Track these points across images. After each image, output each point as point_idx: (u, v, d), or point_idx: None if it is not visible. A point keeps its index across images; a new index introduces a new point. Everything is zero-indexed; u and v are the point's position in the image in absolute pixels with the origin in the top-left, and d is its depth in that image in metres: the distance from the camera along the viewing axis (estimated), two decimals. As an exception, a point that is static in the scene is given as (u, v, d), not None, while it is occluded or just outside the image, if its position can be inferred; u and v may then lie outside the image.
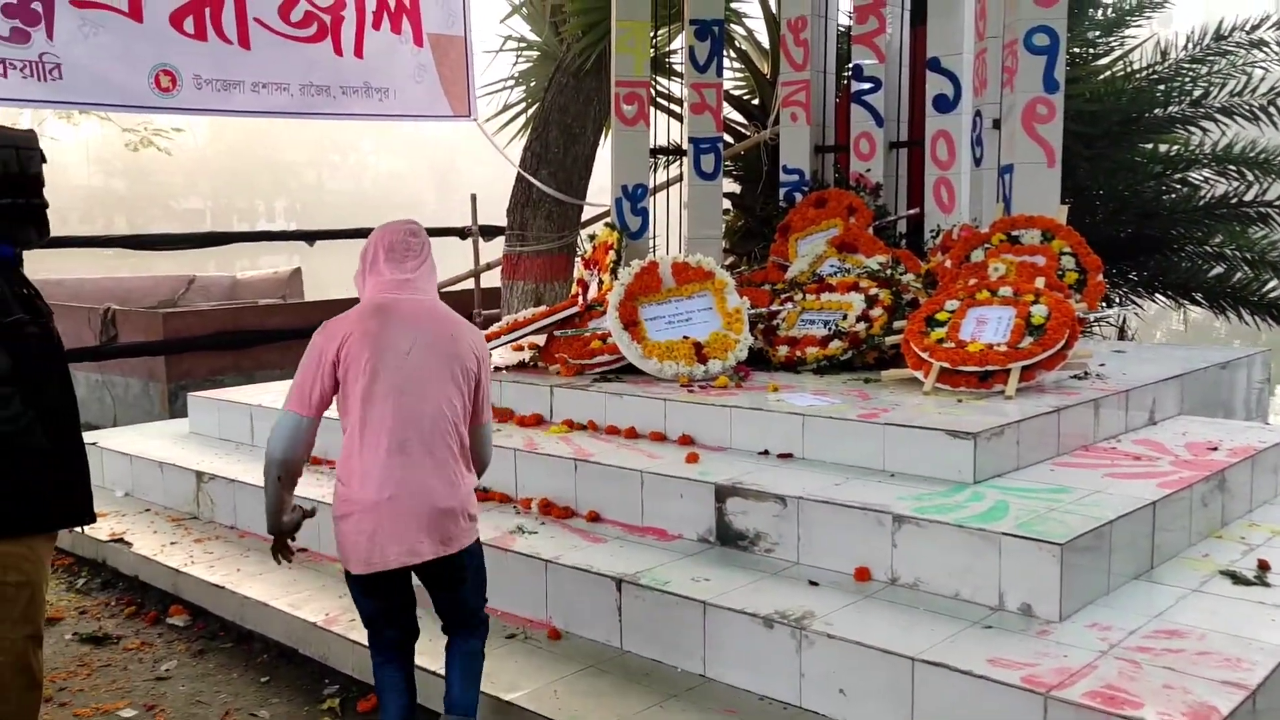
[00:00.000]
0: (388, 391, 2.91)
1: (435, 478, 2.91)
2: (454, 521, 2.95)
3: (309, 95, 7.14)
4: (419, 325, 3.01)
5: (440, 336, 3.02)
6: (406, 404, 2.91)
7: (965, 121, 6.40)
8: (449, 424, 2.96)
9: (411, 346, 2.95)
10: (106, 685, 3.87)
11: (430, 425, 2.92)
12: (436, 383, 2.96)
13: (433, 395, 2.95)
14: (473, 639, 3.15)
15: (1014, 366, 4.64)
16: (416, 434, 2.90)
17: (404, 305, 3.03)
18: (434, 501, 2.90)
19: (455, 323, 3.10)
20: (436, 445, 2.92)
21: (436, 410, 2.94)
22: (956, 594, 3.38)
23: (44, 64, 6.08)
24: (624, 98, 6.97)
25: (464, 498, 2.99)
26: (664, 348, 5.35)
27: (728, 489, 3.97)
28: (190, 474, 5.48)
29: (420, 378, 2.94)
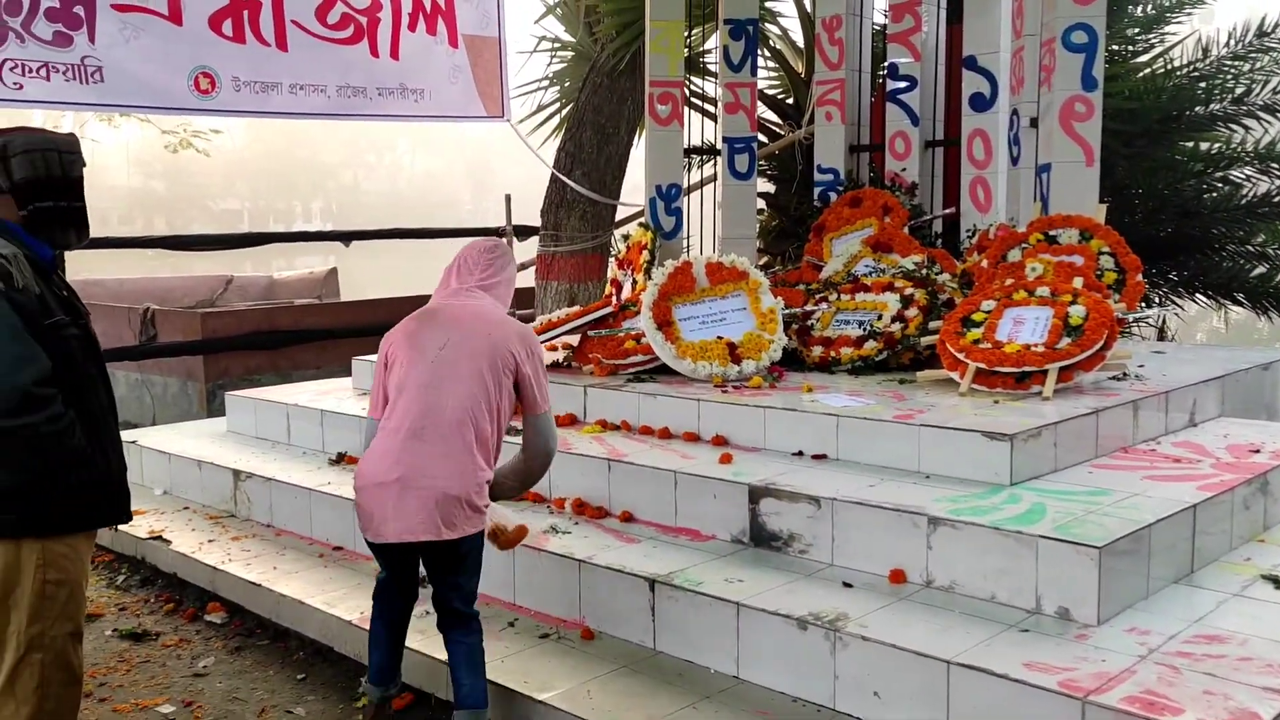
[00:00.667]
0: (416, 384, 3.14)
1: (444, 465, 3.08)
2: (457, 508, 3.08)
3: (345, 97, 7.20)
4: (457, 325, 3.22)
5: (475, 334, 3.19)
6: (430, 396, 3.12)
7: (1002, 120, 6.33)
8: (470, 416, 3.12)
9: (445, 344, 3.18)
10: (146, 681, 3.92)
11: (450, 416, 3.10)
12: (464, 378, 3.14)
13: (457, 389, 3.12)
14: (471, 635, 3.26)
15: (1051, 367, 4.58)
16: (434, 423, 3.09)
17: (450, 309, 3.30)
18: (439, 487, 3.06)
19: (497, 321, 3.26)
20: (452, 435, 3.09)
21: (459, 403, 3.11)
22: (992, 597, 3.35)
23: (86, 67, 6.18)
24: (658, 98, 6.97)
25: (470, 487, 3.12)
26: (698, 348, 5.35)
27: (761, 490, 3.96)
28: (228, 472, 5.55)
29: (447, 373, 3.14)
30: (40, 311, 2.65)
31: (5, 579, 2.66)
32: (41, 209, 2.76)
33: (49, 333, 2.66)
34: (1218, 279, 8.30)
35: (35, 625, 2.67)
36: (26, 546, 2.66)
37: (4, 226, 2.73)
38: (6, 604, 2.66)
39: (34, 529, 2.67)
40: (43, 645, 2.68)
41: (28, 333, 2.60)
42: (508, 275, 3.45)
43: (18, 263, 2.65)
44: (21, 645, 2.66)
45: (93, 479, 2.75)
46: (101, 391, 2.85)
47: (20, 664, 2.67)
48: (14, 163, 2.72)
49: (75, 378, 2.73)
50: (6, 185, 2.72)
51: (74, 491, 2.71)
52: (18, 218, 2.75)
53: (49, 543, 2.69)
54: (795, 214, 8.89)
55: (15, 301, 2.60)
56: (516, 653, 3.66)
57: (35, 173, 2.74)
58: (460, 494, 3.09)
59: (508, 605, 4.09)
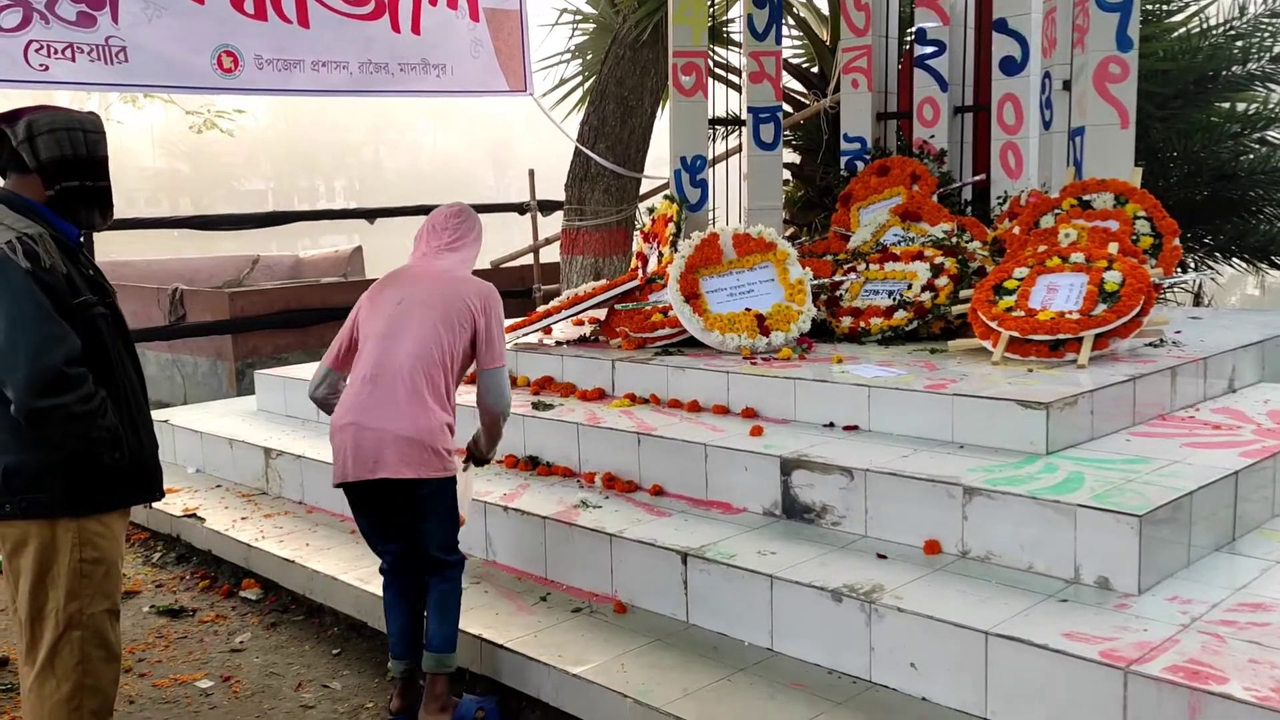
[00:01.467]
0: (374, 335, 3.34)
1: (398, 408, 3.23)
2: (414, 449, 3.21)
3: (367, 73, 7.18)
4: (415, 283, 3.41)
5: (432, 289, 3.37)
6: (387, 345, 3.30)
7: (1033, 84, 6.22)
8: (421, 364, 3.27)
9: (402, 299, 3.37)
10: (184, 656, 3.96)
11: (405, 363, 3.26)
12: (419, 328, 3.30)
13: (412, 338, 3.29)
14: (440, 582, 3.39)
15: (1086, 334, 4.51)
16: (389, 371, 3.26)
17: (413, 270, 3.48)
18: (390, 428, 3.21)
19: (456, 279, 3.42)
20: (406, 381, 3.25)
21: (413, 351, 3.27)
22: (1030, 567, 3.31)
23: (110, 47, 6.18)
24: (681, 68, 6.89)
25: (428, 430, 3.24)
26: (726, 320, 5.30)
27: (793, 462, 3.93)
28: (258, 450, 5.58)
29: (404, 325, 3.31)
30: (68, 291, 2.65)
31: (42, 558, 2.68)
32: (68, 189, 2.75)
33: (77, 312, 2.67)
34: (1255, 242, 8.16)
35: (74, 603, 2.69)
36: (62, 525, 2.68)
37: (30, 206, 2.72)
38: (45, 582, 2.68)
39: (69, 508, 2.69)
40: (81, 623, 2.71)
41: (56, 313, 2.60)
42: (474, 238, 3.58)
43: (44, 242, 2.64)
44: (60, 623, 2.69)
45: (125, 457, 2.75)
46: (131, 370, 2.85)
47: (59, 641, 2.70)
48: (39, 142, 2.71)
49: (104, 357, 2.73)
50: (33, 164, 2.71)
51: (107, 470, 2.72)
52: (44, 198, 2.74)
53: (84, 521, 2.71)
54: (821, 184, 8.80)
55: (43, 282, 2.60)
56: (550, 627, 3.65)
57: (61, 152, 2.72)
58: (412, 435, 3.21)
59: (540, 580, 4.09)
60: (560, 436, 4.74)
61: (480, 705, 3.33)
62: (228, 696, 3.63)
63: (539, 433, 4.83)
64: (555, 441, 4.76)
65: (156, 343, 8.87)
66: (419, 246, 3.56)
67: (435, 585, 3.39)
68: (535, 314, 6.09)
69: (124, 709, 3.55)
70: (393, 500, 3.32)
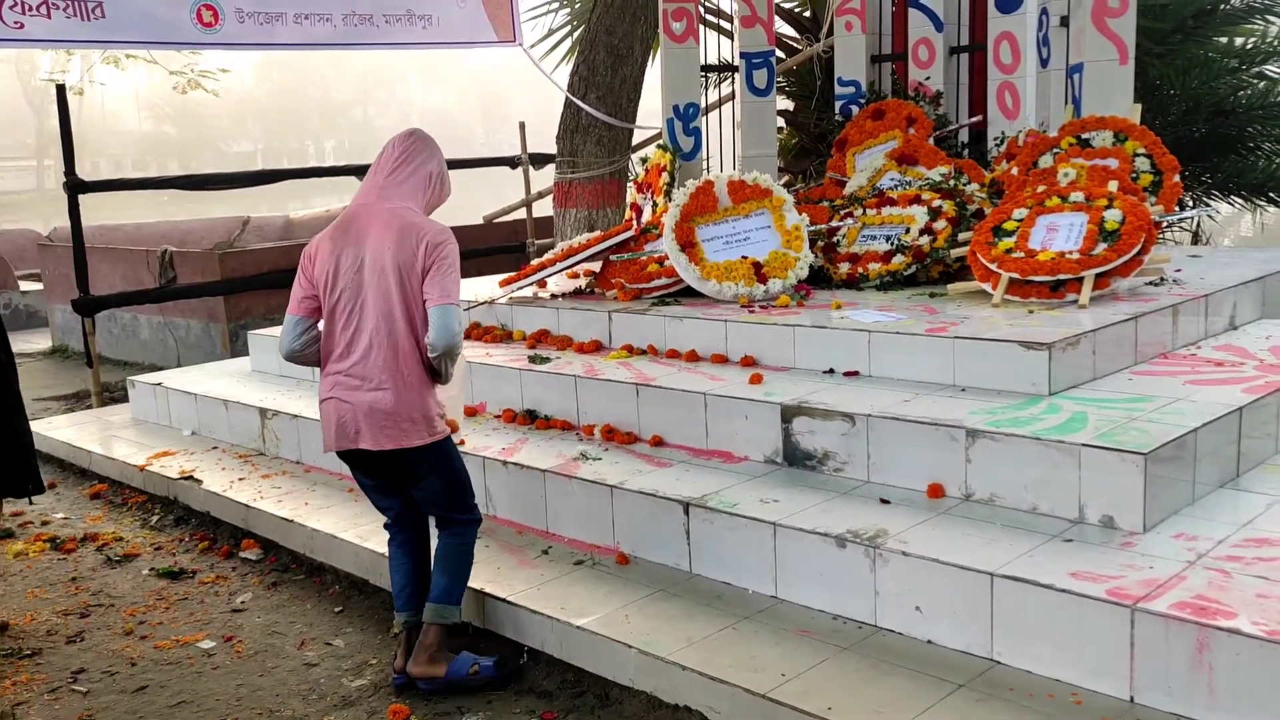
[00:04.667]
0: (341, 308, 3.22)
1: (373, 382, 3.17)
2: (392, 421, 3.17)
3: (352, 25, 7.05)
4: (366, 240, 3.20)
5: (382, 246, 3.17)
6: (356, 319, 3.20)
7: (1030, 21, 6.11)
8: (389, 335, 3.17)
9: (358, 262, 3.20)
10: (185, 618, 3.94)
11: (374, 336, 3.17)
12: (377, 295, 3.17)
13: (373, 308, 3.18)
14: (447, 536, 3.38)
15: (1087, 274, 4.46)
16: (360, 342, 3.19)
17: (362, 216, 3.26)
18: (372, 402, 3.17)
19: (405, 226, 3.21)
20: (378, 353, 3.17)
21: (378, 323, 3.17)
22: (1034, 508, 3.29)
23: (86, 3, 6.05)
24: (672, 14, 6.75)
25: (406, 401, 3.18)
26: (722, 268, 5.24)
27: (794, 409, 3.89)
28: (254, 411, 5.53)
29: (365, 294, 3.18)
30: None
31: None
32: None
33: None
34: (1253, 179, 8.08)
35: None
36: None
37: None
38: None
39: None
40: None
41: None
42: (423, 165, 3.32)
43: None
44: None
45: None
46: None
47: None
48: None
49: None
50: None
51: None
52: None
53: None
54: (815, 131, 8.70)
55: None
56: (552, 579, 3.64)
57: None
58: (388, 408, 3.17)
59: (541, 533, 4.07)
60: (558, 390, 4.70)
61: (475, 661, 3.28)
62: (230, 656, 3.62)
63: (536, 386, 4.79)
64: (553, 395, 4.72)
65: (148, 306, 8.79)
66: (374, 175, 3.34)
67: (443, 538, 3.39)
68: (529, 267, 6.02)
69: (125, 671, 3.54)
70: (383, 466, 3.29)
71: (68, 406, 7.62)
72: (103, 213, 22.06)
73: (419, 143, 3.35)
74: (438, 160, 3.38)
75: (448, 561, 3.36)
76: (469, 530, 3.41)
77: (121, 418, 6.60)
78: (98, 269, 8.74)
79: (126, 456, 5.65)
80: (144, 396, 6.46)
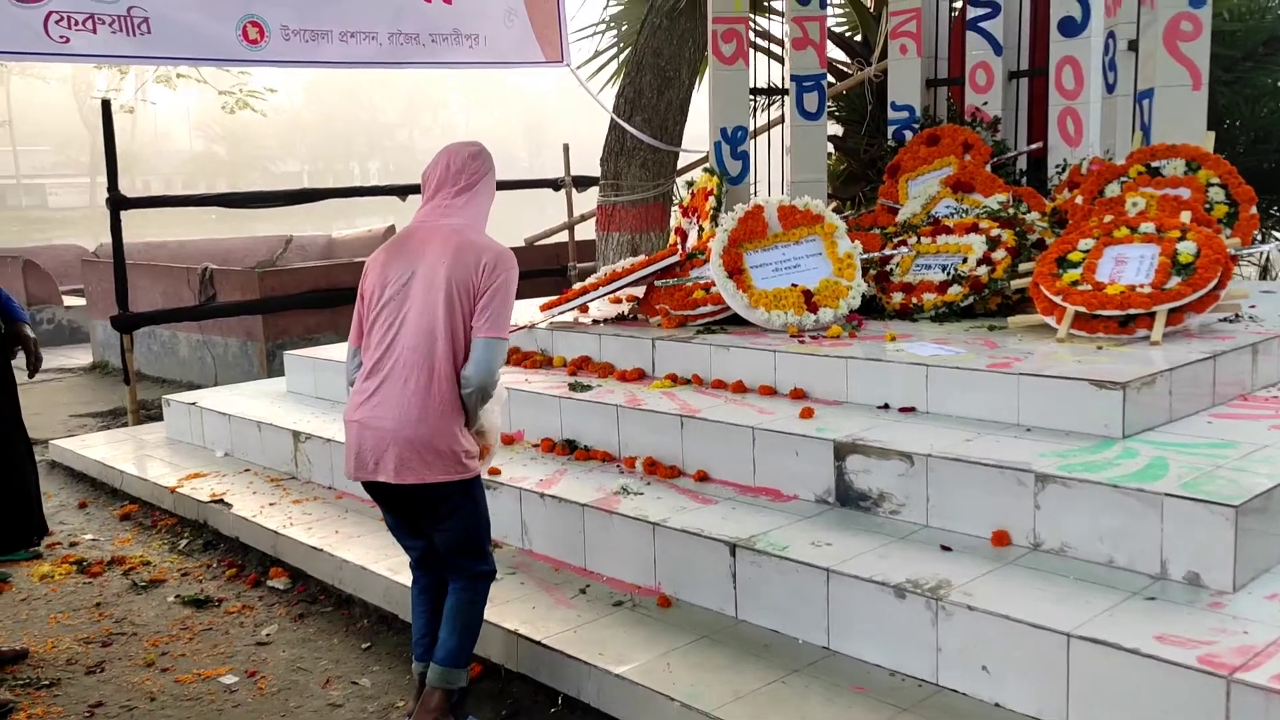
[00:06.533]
0: (381, 321, 3.00)
1: (403, 405, 2.92)
2: (418, 452, 2.91)
3: (398, 44, 6.96)
4: (421, 255, 3.00)
5: (438, 263, 2.95)
6: (392, 334, 2.98)
7: (1095, 45, 5.89)
8: (426, 355, 2.93)
9: (409, 278, 2.99)
10: (208, 650, 3.79)
11: (409, 356, 2.94)
12: (424, 312, 2.94)
13: (414, 326, 2.95)
14: (459, 590, 3.08)
15: (1160, 309, 4.22)
16: (394, 362, 2.95)
17: (421, 233, 3.06)
18: (396, 429, 2.92)
19: (465, 245, 2.99)
20: (411, 376, 2.93)
21: (417, 341, 2.94)
22: (1110, 561, 3.05)
23: (132, 18, 6.01)
24: (722, 35, 6.61)
25: (436, 429, 2.93)
26: (771, 296, 5.05)
27: (848, 446, 3.68)
28: (287, 434, 5.41)
29: (408, 309, 2.97)
30: None
31: None
32: None
33: None
34: (1325, 213, 7.76)
35: None
36: None
37: None
38: None
39: None
40: None
41: None
42: (487, 181, 3.13)
43: None
44: None
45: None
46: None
47: None
48: None
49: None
50: None
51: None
52: None
53: None
54: (865, 156, 8.51)
55: None
56: (590, 621, 3.45)
57: None
58: (415, 435, 2.91)
59: (579, 570, 3.89)
60: (599, 419, 4.52)
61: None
62: (252, 694, 3.45)
63: (576, 415, 4.62)
64: (594, 424, 4.54)
65: (187, 323, 8.75)
66: (428, 189, 3.11)
67: (454, 590, 3.08)
68: (571, 291, 5.87)
69: (144, 706, 3.39)
70: (404, 501, 3.04)
71: (104, 424, 7.56)
72: (150, 230, 22.33)
73: (484, 162, 3.13)
74: (493, 179, 3.19)
75: (458, 620, 3.06)
76: (482, 585, 3.11)
77: (156, 436, 6.51)
78: (139, 285, 8.72)
79: (158, 478, 5.55)
80: (179, 416, 6.37)
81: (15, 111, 47.84)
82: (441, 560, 3.12)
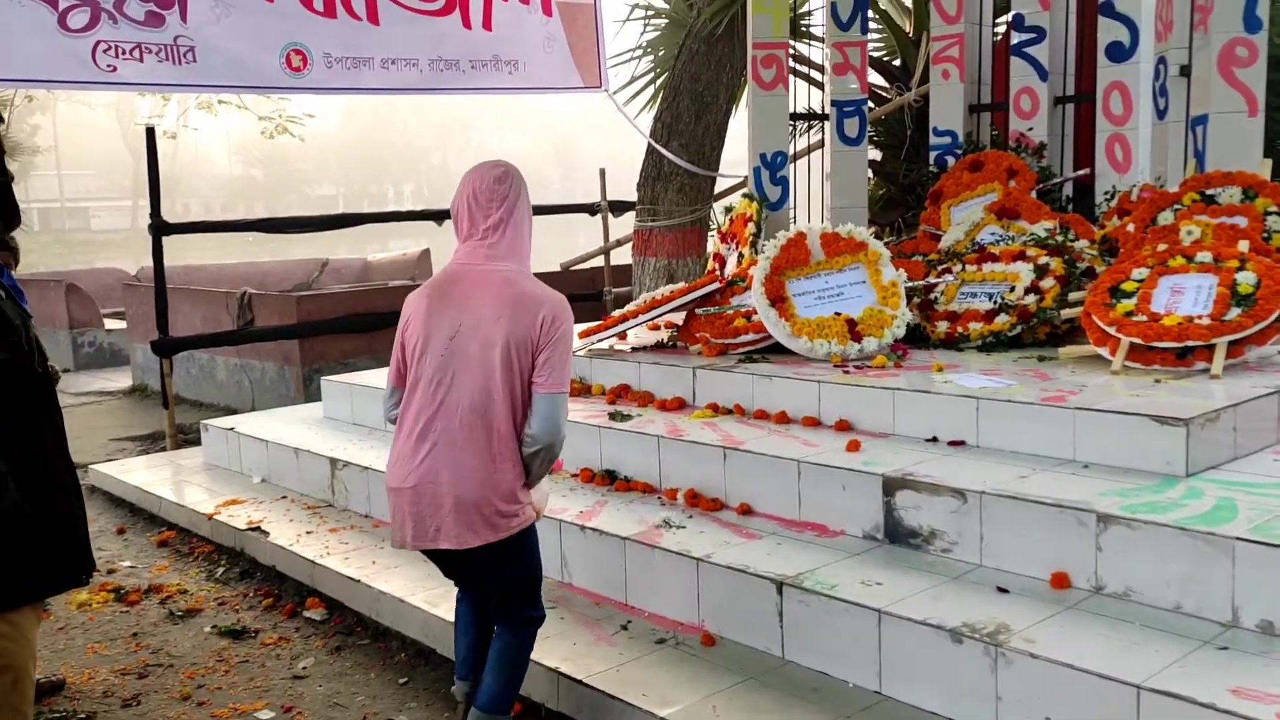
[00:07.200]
0: (428, 379, 2.85)
1: (458, 470, 2.79)
2: (478, 514, 2.80)
3: (438, 70, 6.98)
4: (471, 304, 2.85)
5: (491, 317, 2.81)
6: (441, 394, 2.83)
7: (1143, 70, 5.78)
8: (483, 415, 2.80)
9: (456, 331, 2.84)
10: (244, 683, 3.74)
11: (461, 418, 2.80)
12: (475, 371, 2.81)
13: (468, 384, 2.81)
14: (509, 635, 3.00)
15: (1220, 341, 4.10)
16: (445, 424, 2.81)
17: (469, 278, 2.89)
18: (457, 494, 2.79)
19: (519, 296, 2.83)
20: (465, 437, 2.80)
21: (471, 401, 2.80)
22: (1177, 607, 2.93)
23: (178, 47, 6.06)
24: (761, 60, 6.56)
25: (495, 490, 2.81)
26: (814, 325, 4.97)
27: (897, 481, 3.58)
28: (324, 461, 5.37)
29: (459, 367, 2.82)
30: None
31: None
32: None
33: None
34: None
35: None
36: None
37: None
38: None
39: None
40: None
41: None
42: (521, 209, 2.93)
43: None
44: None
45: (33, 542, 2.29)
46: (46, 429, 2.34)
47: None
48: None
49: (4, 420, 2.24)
50: None
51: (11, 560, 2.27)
52: None
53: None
54: (904, 182, 8.41)
55: None
56: (632, 660, 3.36)
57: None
58: (476, 498, 2.79)
59: (620, 606, 3.80)
60: (639, 449, 4.45)
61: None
62: (289, 729, 3.40)
63: (616, 445, 4.55)
64: (634, 454, 4.47)
65: (225, 347, 8.78)
66: (461, 225, 2.93)
67: (501, 633, 2.99)
68: (609, 319, 5.81)
69: (181, 741, 3.34)
70: (463, 562, 2.95)
71: (143, 448, 7.58)
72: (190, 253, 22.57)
73: (511, 184, 2.92)
74: (527, 197, 2.99)
75: (504, 665, 2.96)
76: (532, 631, 3.03)
77: (194, 461, 6.51)
78: (178, 309, 8.77)
79: (196, 504, 5.53)
80: (216, 441, 6.36)
81: (60, 136, 48.78)
82: (495, 605, 3.03)
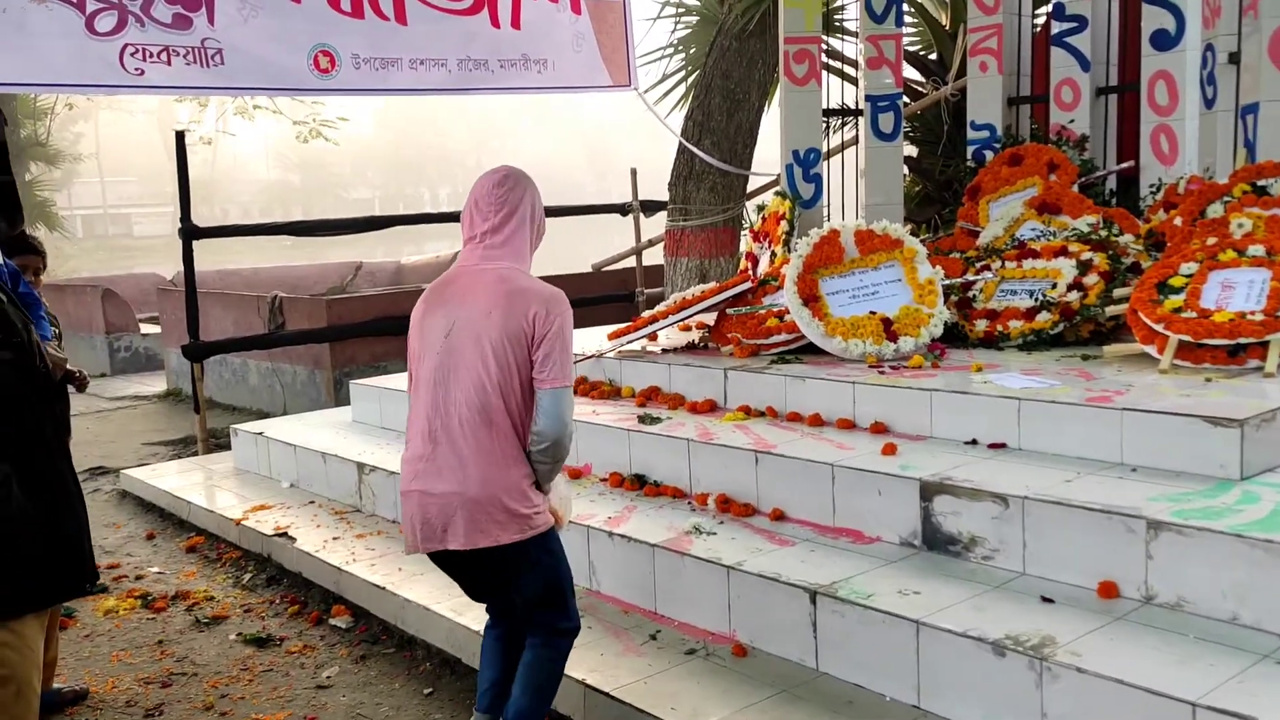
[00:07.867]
0: (427, 380, 2.83)
1: (463, 469, 2.73)
2: (486, 513, 2.72)
3: (467, 70, 6.91)
4: (463, 303, 2.81)
5: (483, 313, 2.76)
6: (439, 393, 2.79)
7: (1190, 58, 5.59)
8: (482, 411, 2.74)
9: (450, 329, 2.81)
10: (268, 693, 3.67)
11: (463, 414, 2.75)
12: (470, 367, 2.76)
13: (465, 382, 2.76)
14: (538, 647, 2.89)
15: (1274, 339, 3.93)
16: (445, 424, 2.77)
17: (464, 278, 2.87)
18: (462, 492, 2.73)
19: (514, 291, 2.77)
20: (466, 436, 2.74)
21: (468, 398, 2.75)
22: (1234, 618, 2.78)
23: (206, 50, 6.03)
24: (794, 56, 6.43)
25: (501, 488, 2.73)
26: (849, 324, 4.84)
27: (935, 486, 3.45)
28: (352, 465, 5.32)
29: (454, 364, 2.78)
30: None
31: None
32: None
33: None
34: None
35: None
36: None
37: None
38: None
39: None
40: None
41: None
42: (524, 213, 2.88)
43: None
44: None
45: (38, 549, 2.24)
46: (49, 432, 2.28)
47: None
48: None
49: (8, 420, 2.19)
50: None
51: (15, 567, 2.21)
52: None
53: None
54: (940, 178, 8.24)
55: None
56: (661, 671, 3.26)
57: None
58: (482, 496, 2.71)
59: (649, 614, 3.70)
60: (669, 453, 4.35)
61: None
62: (312, 740, 3.33)
63: (646, 448, 4.45)
64: (664, 458, 4.37)
65: (256, 351, 8.78)
66: (465, 228, 2.92)
67: (532, 645, 2.87)
68: (640, 319, 5.71)
69: (202, 752, 3.29)
70: (474, 566, 2.85)
71: (175, 452, 7.58)
72: (227, 257, 22.77)
73: (513, 188, 2.89)
74: (531, 200, 2.92)
75: (534, 678, 2.85)
76: (564, 642, 2.90)
77: (224, 466, 6.49)
78: (210, 313, 8.78)
79: (224, 509, 5.50)
80: (246, 446, 6.34)
81: (103, 144, 49.49)
82: (522, 616, 2.92)
